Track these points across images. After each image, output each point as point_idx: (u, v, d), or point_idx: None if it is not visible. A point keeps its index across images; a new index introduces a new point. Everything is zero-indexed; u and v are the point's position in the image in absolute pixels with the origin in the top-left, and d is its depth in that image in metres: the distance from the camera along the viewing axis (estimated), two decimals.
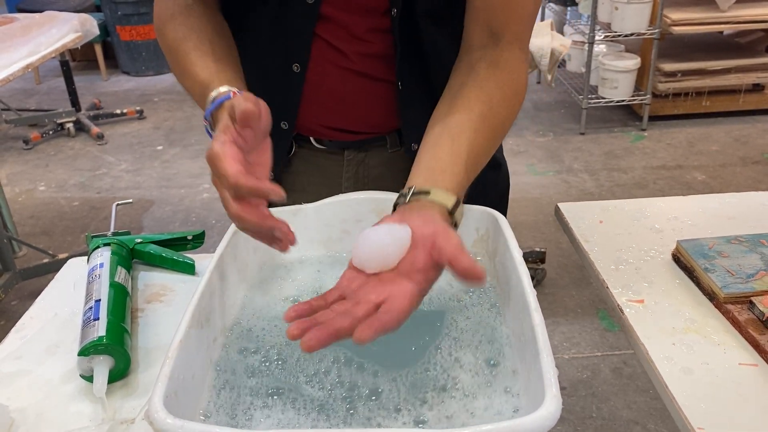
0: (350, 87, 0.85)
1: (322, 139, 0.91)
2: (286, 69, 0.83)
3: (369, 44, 0.82)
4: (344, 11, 0.80)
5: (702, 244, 0.86)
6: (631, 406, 1.85)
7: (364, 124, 0.89)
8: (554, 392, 0.50)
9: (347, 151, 0.91)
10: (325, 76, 0.84)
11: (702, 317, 0.78)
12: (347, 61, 0.83)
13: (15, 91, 4.38)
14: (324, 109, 0.87)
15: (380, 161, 0.92)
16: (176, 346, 0.55)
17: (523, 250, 0.70)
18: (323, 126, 0.89)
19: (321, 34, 0.81)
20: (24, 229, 2.81)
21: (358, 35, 0.81)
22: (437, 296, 0.72)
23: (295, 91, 0.85)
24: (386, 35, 0.81)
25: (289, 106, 0.86)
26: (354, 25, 0.80)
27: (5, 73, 2.07)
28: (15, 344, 0.78)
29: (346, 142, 0.90)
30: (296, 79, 0.84)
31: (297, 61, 0.83)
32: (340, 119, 0.88)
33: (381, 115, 0.88)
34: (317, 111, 0.87)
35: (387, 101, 0.86)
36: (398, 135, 0.90)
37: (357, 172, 0.92)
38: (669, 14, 3.22)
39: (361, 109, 0.87)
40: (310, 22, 0.80)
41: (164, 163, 3.37)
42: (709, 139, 3.39)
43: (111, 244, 0.89)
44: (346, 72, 0.83)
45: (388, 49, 0.82)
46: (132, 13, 4.41)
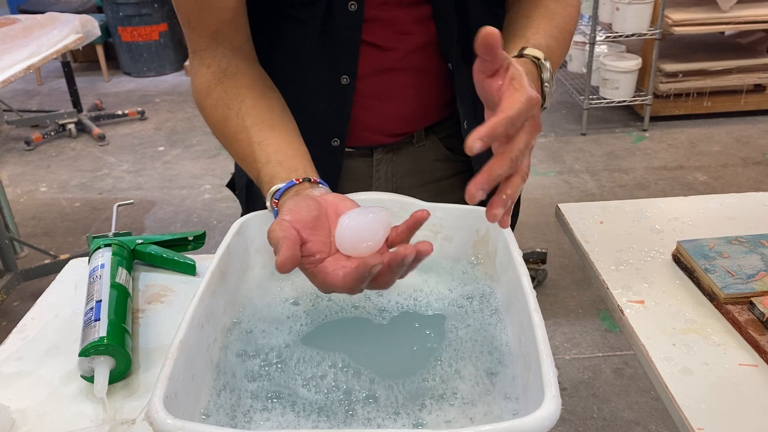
0: (398, 86, 0.85)
1: (357, 146, 0.90)
2: (334, 83, 0.82)
3: (414, 36, 0.82)
4: (386, 9, 0.79)
5: (702, 245, 0.86)
6: (633, 407, 1.84)
7: (411, 121, 0.89)
8: (554, 393, 0.50)
9: (376, 151, 0.91)
10: (372, 83, 0.84)
11: (702, 318, 0.78)
12: (393, 60, 0.83)
13: (17, 92, 4.39)
14: (376, 115, 0.87)
15: (408, 157, 0.93)
16: (176, 346, 0.55)
17: (524, 250, 0.70)
18: (370, 131, 0.89)
19: (366, 38, 0.81)
20: (25, 230, 2.81)
21: (402, 30, 0.81)
22: (437, 301, 0.72)
23: (345, 104, 0.84)
24: (428, 23, 0.82)
25: (339, 121, 0.85)
26: (398, 20, 0.81)
27: (7, 74, 2.07)
28: (16, 345, 0.78)
29: (376, 145, 0.91)
30: (345, 91, 0.83)
31: (345, 73, 0.82)
32: (389, 121, 0.88)
33: (428, 106, 0.89)
34: (365, 120, 0.87)
35: (434, 90, 0.87)
36: (424, 130, 0.91)
37: (387, 171, 0.93)
38: (670, 15, 3.22)
39: (409, 106, 0.87)
40: (356, 30, 0.79)
41: (166, 164, 3.37)
42: (710, 139, 3.38)
43: (112, 244, 0.89)
44: (392, 72, 0.84)
45: (432, 37, 0.83)
46: (133, 14, 4.42)
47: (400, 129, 0.90)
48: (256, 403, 0.59)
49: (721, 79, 3.43)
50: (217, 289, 0.66)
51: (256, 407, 0.59)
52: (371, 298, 0.73)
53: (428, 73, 0.86)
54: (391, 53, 0.82)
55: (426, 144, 0.93)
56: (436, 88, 0.87)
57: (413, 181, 0.94)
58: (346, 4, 0.78)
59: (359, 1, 0.77)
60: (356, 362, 0.63)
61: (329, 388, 0.61)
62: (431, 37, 0.83)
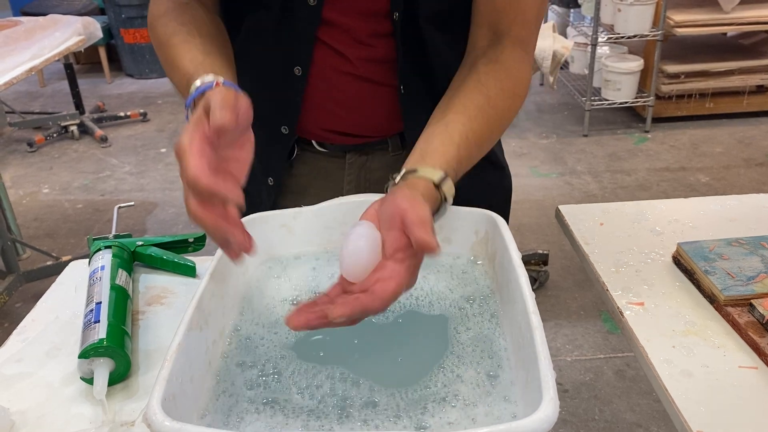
0: (353, 91, 0.85)
1: (324, 142, 0.91)
2: (287, 72, 0.83)
3: (372, 48, 0.82)
4: (346, 15, 0.80)
5: (702, 247, 0.86)
6: (634, 409, 1.84)
7: (366, 128, 0.89)
8: (551, 395, 0.50)
9: (349, 154, 0.91)
10: (327, 81, 0.84)
11: (702, 320, 0.77)
12: (350, 66, 0.83)
13: (19, 93, 4.40)
14: (326, 113, 0.87)
15: (382, 164, 0.92)
16: (175, 349, 0.55)
17: (525, 252, 0.70)
18: (325, 130, 0.89)
19: (324, 38, 0.81)
20: (28, 231, 2.82)
21: (360, 39, 0.81)
22: (438, 301, 0.72)
23: (297, 94, 0.85)
24: (389, 39, 0.81)
25: (290, 109, 0.86)
26: (356, 29, 0.80)
27: (9, 76, 2.08)
28: (16, 347, 0.79)
29: (347, 146, 0.90)
30: (298, 82, 0.83)
31: (299, 64, 0.82)
32: (343, 123, 0.88)
33: (383, 119, 0.88)
34: (319, 115, 0.87)
35: (390, 105, 0.86)
36: (400, 138, 0.90)
37: (359, 175, 0.93)
38: (672, 16, 3.22)
39: (363, 114, 0.87)
40: (312, 26, 0.80)
41: (168, 166, 3.37)
42: (712, 140, 3.38)
43: (112, 246, 0.89)
44: (348, 77, 0.83)
45: (390, 54, 0.82)
46: (135, 16, 4.43)
47: (355, 132, 0.89)
48: (250, 405, 0.59)
49: (724, 80, 3.43)
50: (216, 291, 0.66)
51: (250, 410, 0.59)
52: None
53: (384, 88, 0.84)
54: (346, 59, 0.82)
55: (401, 154, 0.91)
56: (390, 103, 0.86)
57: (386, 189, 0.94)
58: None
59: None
60: (355, 371, 0.63)
61: (326, 394, 0.61)
62: (391, 54, 0.82)
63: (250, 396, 0.60)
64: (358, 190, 0.93)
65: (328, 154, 0.92)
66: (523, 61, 0.78)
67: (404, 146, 0.91)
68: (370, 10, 0.79)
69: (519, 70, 0.78)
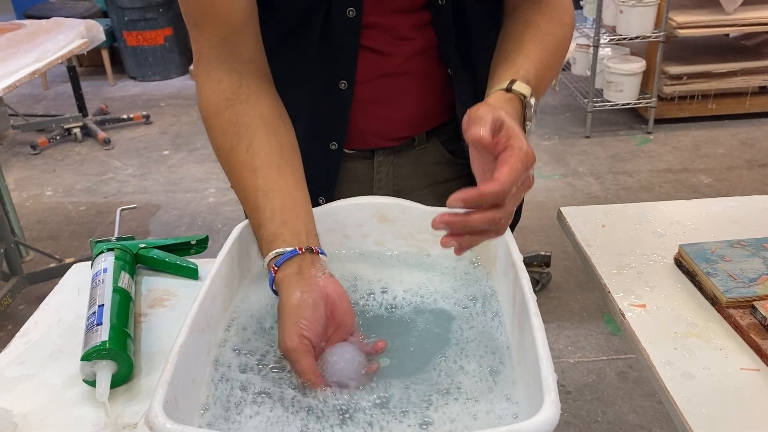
0: (397, 91, 0.85)
1: (357, 148, 0.91)
2: (332, 88, 0.83)
3: (413, 42, 0.82)
4: (385, 15, 0.80)
5: (704, 248, 0.86)
6: (637, 411, 1.84)
7: (410, 126, 0.90)
8: (553, 397, 0.50)
9: (377, 153, 0.92)
10: (371, 88, 0.84)
11: (704, 322, 0.77)
12: (392, 65, 0.83)
13: (23, 96, 4.41)
14: (371, 119, 0.87)
15: (409, 160, 0.93)
16: (176, 351, 0.56)
17: (528, 254, 0.70)
18: (370, 135, 0.89)
19: (365, 43, 0.81)
20: (31, 233, 2.83)
21: (401, 35, 0.82)
22: (442, 299, 0.73)
23: (343, 108, 0.84)
24: (427, 29, 0.82)
25: (338, 125, 0.86)
26: (397, 26, 0.81)
27: (13, 78, 2.08)
28: (19, 349, 0.79)
29: (377, 148, 0.91)
30: (344, 95, 0.83)
31: (344, 78, 0.82)
32: (387, 126, 0.89)
33: (427, 112, 0.89)
34: (364, 124, 0.87)
35: (433, 96, 0.87)
36: (426, 135, 0.91)
37: (388, 173, 0.93)
38: (674, 17, 3.22)
39: (408, 111, 0.88)
40: (354, 37, 0.80)
41: (170, 168, 3.38)
42: (715, 142, 3.37)
43: (115, 249, 0.89)
44: (391, 77, 0.84)
45: (430, 42, 0.83)
46: (138, 18, 4.44)
47: (400, 133, 0.90)
48: (252, 407, 0.59)
49: (726, 81, 3.42)
50: (218, 294, 0.66)
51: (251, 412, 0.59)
52: (375, 295, 0.74)
53: (428, 78, 0.86)
54: (390, 58, 0.83)
55: (427, 147, 0.93)
56: (435, 93, 0.88)
57: (414, 183, 0.95)
58: (345, 11, 0.78)
59: (358, 8, 0.77)
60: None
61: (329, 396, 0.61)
62: (431, 42, 0.83)
63: (252, 398, 0.60)
64: (388, 189, 0.94)
65: (356, 156, 0.92)
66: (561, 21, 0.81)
67: (429, 139, 0.92)
68: (408, 5, 0.80)
69: (560, 1, 0.81)
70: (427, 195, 0.94)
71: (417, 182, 0.95)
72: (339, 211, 0.80)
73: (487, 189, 0.57)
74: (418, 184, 0.95)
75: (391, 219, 0.80)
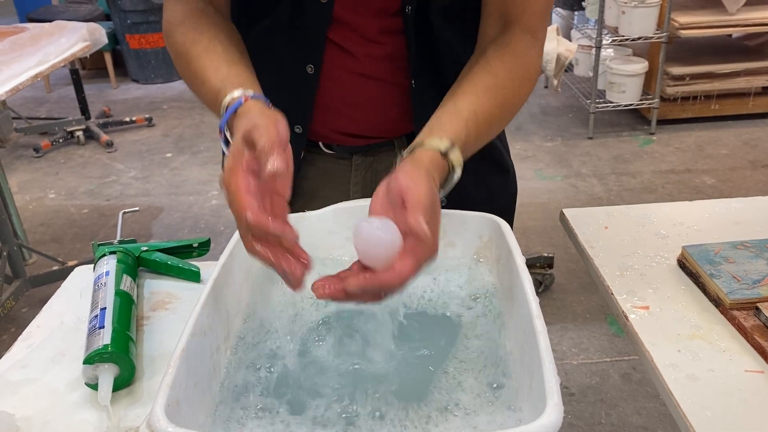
0: (362, 91, 0.85)
1: (331, 144, 0.91)
2: (300, 70, 0.84)
3: (381, 46, 0.82)
4: (357, 13, 0.80)
5: (708, 250, 0.86)
6: (641, 412, 1.83)
7: (375, 129, 0.89)
8: (556, 401, 0.49)
9: (356, 156, 0.92)
10: (337, 82, 0.84)
11: (707, 323, 0.77)
12: (359, 65, 0.83)
13: (26, 99, 4.42)
14: (336, 114, 0.87)
15: (389, 165, 0.92)
16: (178, 354, 0.56)
17: (530, 255, 0.70)
18: (334, 131, 0.89)
19: (334, 38, 0.82)
20: (34, 236, 2.83)
21: (370, 38, 0.82)
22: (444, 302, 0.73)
23: (309, 92, 0.85)
24: (397, 36, 0.82)
25: (303, 108, 0.86)
26: (366, 27, 0.81)
27: (15, 82, 2.09)
28: (21, 353, 0.79)
29: (355, 147, 0.91)
30: (311, 80, 0.84)
31: (311, 63, 0.83)
32: (352, 124, 0.88)
33: (393, 118, 0.88)
34: (329, 116, 0.88)
35: (399, 104, 0.86)
36: (407, 138, 0.91)
37: (365, 176, 0.93)
38: (677, 18, 3.21)
39: (373, 114, 0.88)
40: (323, 23, 0.80)
41: (173, 171, 3.38)
42: (718, 142, 3.37)
43: (117, 252, 0.89)
44: (358, 77, 0.84)
45: (399, 51, 0.82)
46: (141, 21, 4.45)
47: (365, 133, 0.89)
48: (253, 412, 0.59)
49: (729, 81, 3.41)
50: (220, 297, 0.66)
51: (252, 416, 0.59)
52: None
53: (393, 86, 0.85)
54: (356, 59, 0.83)
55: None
56: (400, 103, 0.86)
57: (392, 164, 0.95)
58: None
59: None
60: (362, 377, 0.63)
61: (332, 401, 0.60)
62: (399, 51, 0.82)
63: (254, 402, 0.60)
64: (365, 192, 0.93)
65: (334, 156, 0.92)
66: (533, 47, 0.79)
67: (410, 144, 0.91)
68: (381, 7, 0.80)
69: (528, 55, 0.78)
70: None
71: None
72: (341, 214, 0.80)
73: (386, 280, 0.57)
74: None
75: None
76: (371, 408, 0.59)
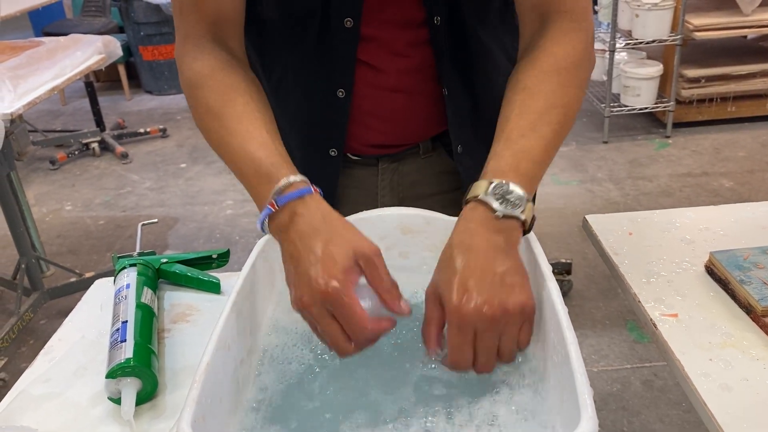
0: (392, 106, 0.85)
1: (359, 154, 0.91)
2: (330, 96, 0.83)
3: (408, 59, 0.82)
4: (383, 29, 0.80)
5: (736, 255, 0.84)
6: (664, 420, 1.80)
7: (403, 138, 0.90)
8: (590, 414, 0.48)
9: (381, 161, 0.92)
10: (366, 99, 0.84)
11: (739, 331, 0.75)
12: (388, 80, 0.83)
13: (42, 112, 4.46)
14: (366, 129, 0.87)
15: (414, 168, 0.93)
16: (203, 369, 0.55)
17: (549, 261, 0.69)
18: (363, 145, 0.90)
19: (361, 57, 0.81)
20: (51, 248, 2.85)
21: (397, 51, 0.81)
22: None
23: (342, 116, 0.85)
24: (424, 47, 0.81)
25: (336, 132, 0.86)
26: (393, 41, 0.81)
27: (32, 95, 2.10)
28: (43, 367, 0.78)
29: (382, 155, 0.92)
30: (342, 104, 0.83)
31: (341, 87, 0.82)
32: (381, 137, 0.89)
33: (421, 126, 0.89)
34: (359, 132, 0.87)
35: (427, 113, 0.87)
36: (431, 141, 0.91)
37: (392, 180, 0.93)
38: (691, 20, 3.19)
39: (401, 126, 0.88)
40: (352, 46, 0.80)
41: (188, 181, 3.40)
42: (735, 144, 3.33)
43: (137, 264, 0.89)
44: (387, 92, 0.84)
45: (426, 61, 0.82)
46: (154, 33, 4.48)
47: (393, 143, 0.90)
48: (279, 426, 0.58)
49: (745, 83, 3.38)
50: (243, 309, 0.66)
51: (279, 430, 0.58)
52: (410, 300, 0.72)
53: (422, 96, 0.85)
54: (384, 74, 0.82)
55: (433, 156, 0.93)
56: (430, 111, 0.87)
57: (420, 191, 0.94)
58: (342, 21, 0.78)
59: (355, 18, 0.78)
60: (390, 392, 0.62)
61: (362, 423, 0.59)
62: (427, 61, 0.82)
63: (279, 416, 0.59)
64: (393, 195, 0.93)
65: (361, 163, 0.92)
66: (573, 30, 0.74)
67: (435, 148, 0.92)
68: (407, 20, 0.79)
69: (572, 43, 0.73)
70: (433, 204, 0.92)
71: (422, 190, 0.95)
72: (362, 224, 0.79)
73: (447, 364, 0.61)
74: (423, 193, 0.95)
75: (415, 230, 0.79)
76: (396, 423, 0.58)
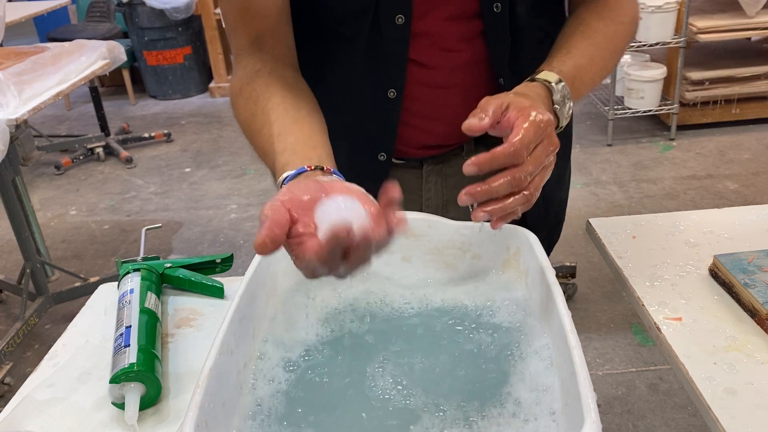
0: (442, 104, 0.85)
1: (403, 156, 0.90)
2: (381, 97, 0.82)
3: (460, 54, 0.82)
4: (435, 24, 0.79)
5: (740, 259, 0.83)
6: (669, 423, 1.80)
7: (450, 138, 0.89)
8: (593, 418, 0.48)
9: (426, 163, 0.91)
10: (416, 99, 0.83)
11: (743, 335, 0.75)
12: (439, 78, 0.82)
13: (46, 117, 4.48)
14: (413, 129, 0.86)
15: (457, 169, 0.92)
16: (206, 374, 0.55)
17: (553, 265, 0.69)
18: (409, 146, 0.89)
19: (412, 56, 0.81)
20: (56, 253, 2.85)
21: (448, 47, 0.81)
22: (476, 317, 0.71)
23: (393, 117, 0.84)
24: (476, 40, 0.81)
25: (386, 135, 0.85)
26: (444, 36, 0.80)
27: (38, 101, 2.11)
28: (47, 372, 0.79)
29: (426, 157, 0.91)
30: (393, 105, 0.83)
31: (392, 87, 0.82)
32: (428, 137, 0.88)
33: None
34: (406, 133, 0.87)
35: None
36: (474, 141, 0.90)
37: (436, 182, 0.93)
38: (694, 22, 3.18)
39: (450, 124, 0.86)
40: (403, 44, 0.79)
41: (192, 185, 3.40)
42: (740, 147, 3.32)
43: (141, 269, 0.89)
44: (437, 90, 0.83)
45: (478, 54, 0.82)
46: (158, 38, 4.49)
47: (440, 143, 0.89)
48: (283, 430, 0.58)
49: (749, 85, 3.37)
50: (246, 314, 0.66)
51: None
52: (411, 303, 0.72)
53: (476, 90, 0.84)
54: (435, 71, 0.82)
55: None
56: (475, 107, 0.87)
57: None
58: (393, 18, 0.77)
59: (406, 15, 0.77)
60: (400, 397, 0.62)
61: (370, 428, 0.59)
62: (479, 55, 0.82)
63: (281, 420, 0.59)
64: (437, 198, 0.93)
65: (404, 166, 0.91)
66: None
67: (478, 149, 0.91)
68: (459, 13, 0.79)
69: (625, 4, 0.83)
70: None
71: None
72: None
73: (498, 150, 0.61)
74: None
75: (418, 234, 0.79)
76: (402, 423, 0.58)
